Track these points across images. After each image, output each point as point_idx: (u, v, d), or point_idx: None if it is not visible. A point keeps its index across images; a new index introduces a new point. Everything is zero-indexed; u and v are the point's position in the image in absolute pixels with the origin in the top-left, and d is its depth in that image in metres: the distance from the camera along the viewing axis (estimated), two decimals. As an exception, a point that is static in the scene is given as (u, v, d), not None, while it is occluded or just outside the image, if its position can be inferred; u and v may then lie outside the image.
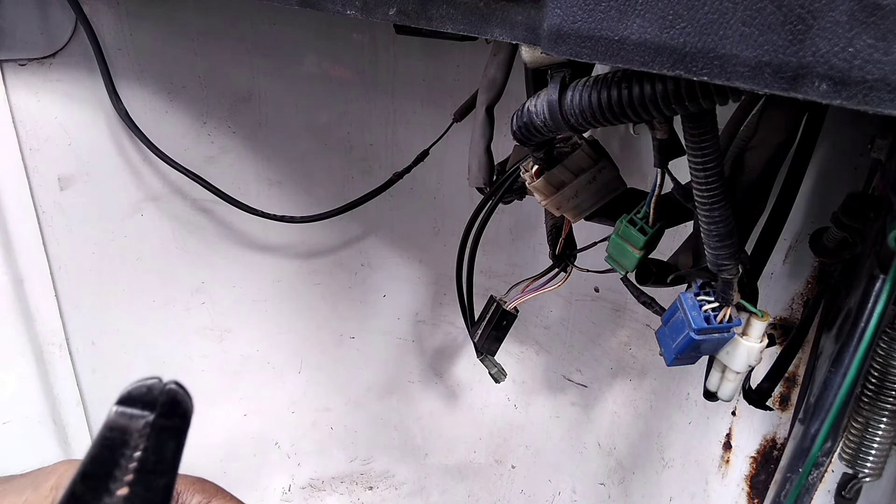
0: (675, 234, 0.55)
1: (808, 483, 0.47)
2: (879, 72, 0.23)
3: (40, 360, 0.97)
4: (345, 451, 1.23)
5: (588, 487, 1.06)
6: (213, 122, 1.00)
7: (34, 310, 0.95)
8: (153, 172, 0.99)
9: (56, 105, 0.91)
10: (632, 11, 0.30)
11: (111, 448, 0.28)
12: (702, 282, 0.49)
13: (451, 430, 1.23)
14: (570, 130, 0.43)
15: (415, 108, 1.05)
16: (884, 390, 0.49)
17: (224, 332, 1.12)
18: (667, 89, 0.35)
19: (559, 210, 0.57)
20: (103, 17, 0.89)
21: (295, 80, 1.01)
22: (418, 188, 1.08)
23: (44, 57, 0.88)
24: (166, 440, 0.29)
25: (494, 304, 0.77)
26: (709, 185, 0.40)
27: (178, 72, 0.95)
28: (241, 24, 0.96)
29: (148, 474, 0.28)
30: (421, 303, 1.19)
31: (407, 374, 1.22)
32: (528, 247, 1.09)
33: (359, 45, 1.01)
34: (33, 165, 0.91)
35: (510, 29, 0.38)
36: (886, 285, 0.42)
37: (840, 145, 0.63)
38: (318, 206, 1.00)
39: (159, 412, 0.29)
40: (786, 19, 0.25)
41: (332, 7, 0.48)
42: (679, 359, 0.50)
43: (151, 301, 1.06)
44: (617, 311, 0.99)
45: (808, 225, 0.68)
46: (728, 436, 0.81)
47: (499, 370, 0.83)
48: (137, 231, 1.01)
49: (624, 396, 1.00)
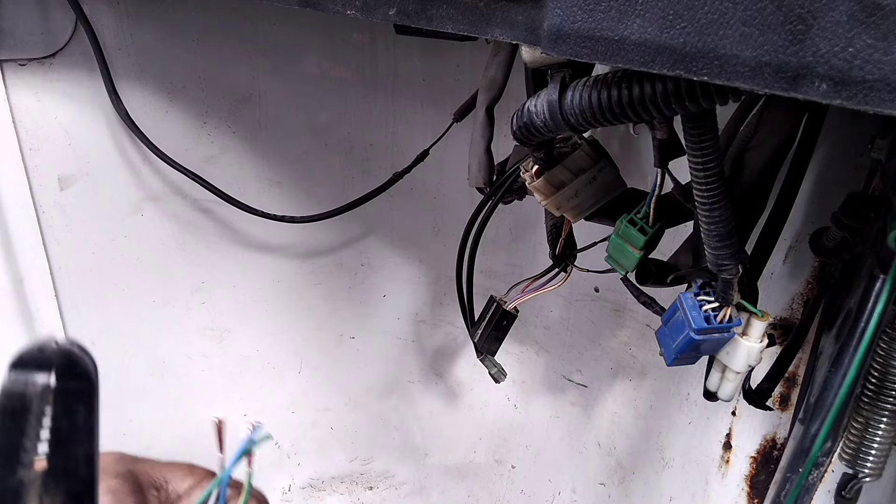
0: (675, 234, 0.55)
1: (808, 483, 0.47)
2: (879, 72, 0.23)
3: (40, 360, 0.97)
4: (345, 451, 1.23)
5: (588, 487, 1.06)
6: (213, 122, 1.00)
7: (34, 310, 0.95)
8: (153, 172, 0.99)
9: (56, 105, 0.91)
10: (632, 11, 0.30)
11: (13, 417, 0.26)
12: (702, 282, 0.49)
13: (451, 430, 1.23)
14: (570, 130, 0.43)
15: (415, 108, 1.05)
16: (884, 390, 0.49)
17: (224, 332, 1.12)
18: (667, 89, 0.35)
19: (559, 210, 0.57)
20: (103, 17, 0.89)
21: (295, 80, 1.01)
22: (418, 188, 1.08)
23: (44, 57, 0.88)
24: (74, 405, 0.27)
25: (494, 304, 0.77)
26: (709, 185, 0.40)
27: (178, 72, 0.95)
28: (241, 24, 0.96)
29: (64, 444, 0.26)
30: (421, 303, 1.19)
31: (407, 374, 1.22)
32: (528, 247, 1.09)
33: (359, 45, 1.01)
34: (33, 165, 0.91)
35: (510, 29, 0.38)
36: (886, 285, 0.42)
37: (840, 145, 0.63)
38: (318, 206, 1.00)
39: (58, 374, 0.27)
40: (786, 19, 0.25)
41: (332, 7, 0.48)
42: (679, 359, 0.50)
43: (151, 301, 1.06)
44: (617, 311, 0.99)
45: (808, 225, 0.68)
46: (728, 436, 0.81)
47: (499, 370, 0.83)
48: (137, 231, 1.01)
49: (624, 396, 1.00)
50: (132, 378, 1.06)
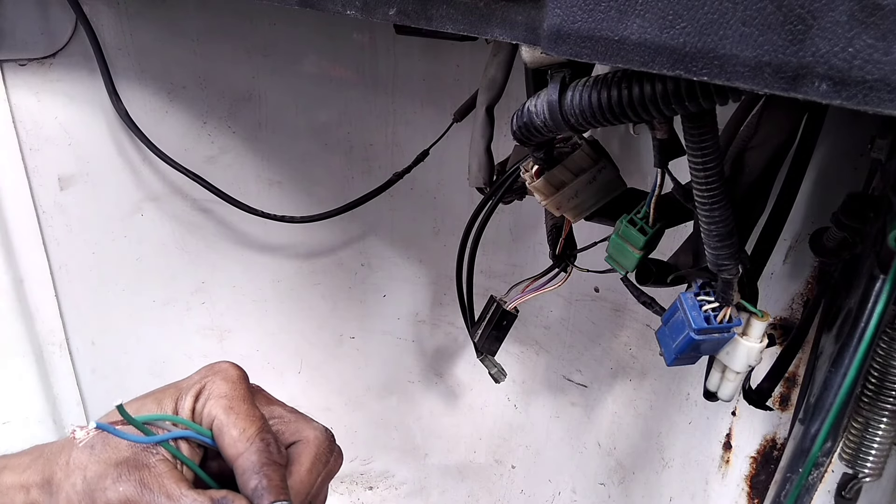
0: (675, 234, 0.55)
1: (808, 483, 0.47)
2: (879, 72, 0.23)
3: (40, 360, 0.97)
4: (345, 451, 1.23)
5: (588, 487, 1.06)
6: (213, 122, 1.00)
7: (34, 310, 0.95)
8: (153, 172, 0.99)
9: (56, 105, 0.91)
10: (632, 11, 0.30)
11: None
12: (702, 282, 0.49)
13: (451, 430, 1.23)
14: (570, 130, 0.43)
15: (415, 108, 1.05)
16: (884, 390, 0.49)
17: (224, 332, 1.12)
18: (667, 89, 0.35)
19: (559, 210, 0.57)
20: (103, 17, 0.89)
21: (295, 80, 1.01)
22: (418, 188, 1.08)
23: (44, 57, 0.88)
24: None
25: (494, 304, 0.77)
26: (709, 185, 0.40)
27: (178, 72, 0.95)
28: (241, 24, 0.96)
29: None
30: (421, 303, 1.19)
31: (407, 374, 1.22)
32: (528, 247, 1.09)
33: (359, 45, 1.01)
34: (33, 165, 0.91)
35: (510, 29, 0.38)
36: (886, 285, 0.42)
37: (840, 145, 0.63)
38: (318, 206, 1.00)
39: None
40: (786, 19, 0.25)
41: (332, 7, 0.48)
42: (679, 359, 0.50)
43: (151, 301, 1.06)
44: (617, 311, 0.99)
45: (808, 225, 0.68)
46: (728, 436, 0.81)
47: (499, 370, 0.83)
48: (137, 231, 1.01)
49: (624, 396, 1.00)
50: (132, 378, 1.06)
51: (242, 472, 0.42)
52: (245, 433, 0.43)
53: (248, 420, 0.44)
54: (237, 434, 0.43)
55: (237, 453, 0.43)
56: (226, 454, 0.43)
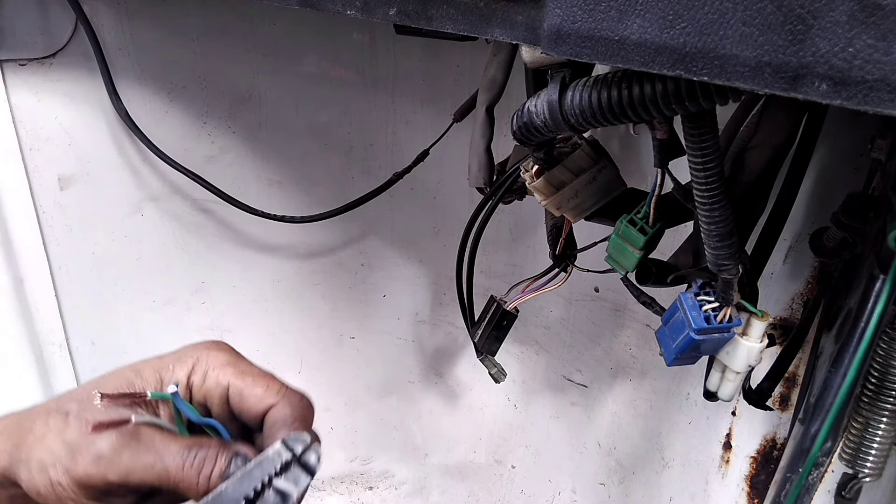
0: (675, 234, 0.55)
1: (808, 483, 0.47)
2: (879, 72, 0.23)
3: (40, 360, 0.97)
4: (345, 451, 1.23)
5: (588, 487, 1.06)
6: (213, 122, 1.00)
7: (34, 310, 0.95)
8: (153, 172, 0.99)
9: (56, 105, 0.91)
10: (632, 11, 0.30)
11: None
12: (702, 282, 0.49)
13: (451, 430, 1.23)
14: (570, 130, 0.43)
15: (415, 108, 1.05)
16: (884, 390, 0.49)
17: (224, 332, 1.12)
18: (667, 89, 0.35)
19: (559, 210, 0.57)
20: (103, 17, 0.89)
21: (295, 80, 1.01)
22: (418, 188, 1.08)
23: (44, 57, 0.88)
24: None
25: (494, 304, 0.77)
26: (709, 185, 0.40)
27: (178, 72, 0.95)
28: (241, 24, 0.96)
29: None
30: (421, 303, 1.19)
31: (407, 374, 1.22)
32: (528, 247, 1.09)
33: (359, 45, 1.01)
34: (33, 165, 0.91)
35: (510, 29, 0.38)
36: (886, 285, 0.42)
37: (840, 145, 0.63)
38: (318, 206, 1.00)
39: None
40: (786, 19, 0.25)
41: (332, 7, 0.48)
42: (679, 359, 0.50)
43: (151, 301, 1.06)
44: (617, 311, 0.99)
45: (808, 225, 0.68)
46: (728, 436, 0.81)
47: (499, 370, 0.83)
48: (137, 231, 1.01)
49: (624, 396, 1.00)
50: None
51: (273, 423, 0.45)
52: (270, 389, 0.46)
53: (268, 378, 0.47)
54: (261, 392, 0.46)
55: (267, 405, 0.45)
56: (252, 412, 0.46)
